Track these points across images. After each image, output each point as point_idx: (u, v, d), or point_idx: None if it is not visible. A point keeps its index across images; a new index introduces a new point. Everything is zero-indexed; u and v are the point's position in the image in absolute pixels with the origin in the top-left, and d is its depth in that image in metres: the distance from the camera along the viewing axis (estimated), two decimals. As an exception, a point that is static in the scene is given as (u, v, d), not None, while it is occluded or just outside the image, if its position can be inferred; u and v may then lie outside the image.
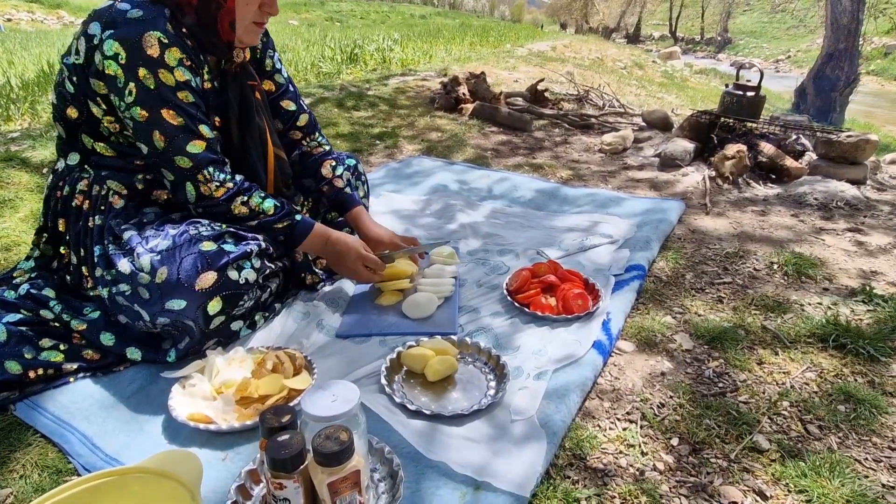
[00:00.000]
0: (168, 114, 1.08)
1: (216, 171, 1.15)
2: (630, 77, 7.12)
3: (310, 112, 1.50)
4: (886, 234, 1.98)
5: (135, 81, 1.05)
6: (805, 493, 0.92)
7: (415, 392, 1.13)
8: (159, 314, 1.06)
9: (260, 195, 1.22)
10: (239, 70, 1.26)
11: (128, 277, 1.06)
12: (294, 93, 1.46)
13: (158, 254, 1.06)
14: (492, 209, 2.07)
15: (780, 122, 2.87)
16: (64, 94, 1.14)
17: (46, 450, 0.97)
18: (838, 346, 1.31)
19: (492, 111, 3.41)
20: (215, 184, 1.15)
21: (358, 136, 3.01)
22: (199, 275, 1.06)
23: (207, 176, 1.14)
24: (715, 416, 1.10)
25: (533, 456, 0.94)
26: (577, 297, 1.38)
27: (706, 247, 1.85)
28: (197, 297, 1.06)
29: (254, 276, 1.16)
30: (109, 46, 1.04)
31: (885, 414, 1.11)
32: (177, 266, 1.05)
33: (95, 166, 1.19)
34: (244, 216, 1.20)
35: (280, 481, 0.76)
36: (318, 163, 1.48)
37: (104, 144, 1.17)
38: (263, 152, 1.32)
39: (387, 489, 0.88)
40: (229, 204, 1.17)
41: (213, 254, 1.09)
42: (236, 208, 1.18)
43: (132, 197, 1.20)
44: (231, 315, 1.16)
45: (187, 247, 1.07)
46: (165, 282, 1.04)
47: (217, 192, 1.16)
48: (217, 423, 0.98)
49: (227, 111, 1.24)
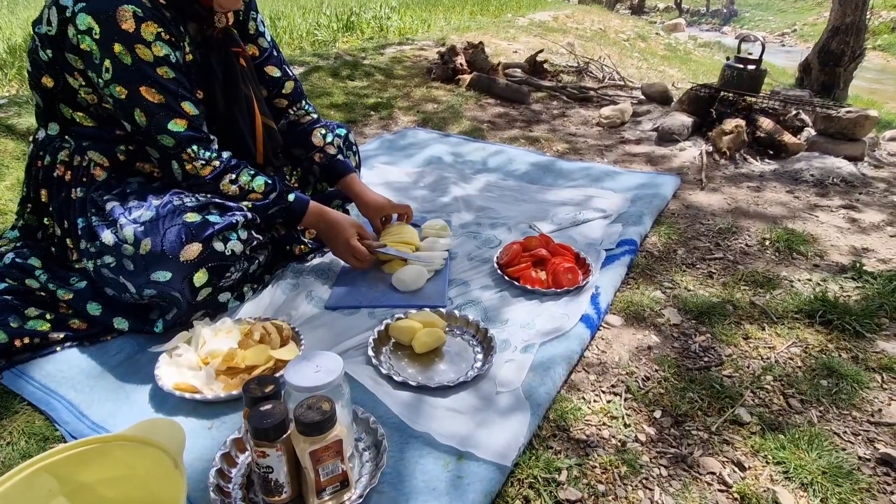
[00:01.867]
0: (147, 91, 1.05)
1: (200, 150, 1.13)
2: (632, 49, 6.99)
3: (296, 79, 1.46)
4: (880, 211, 1.97)
5: (110, 58, 1.02)
6: (782, 465, 0.94)
7: (402, 364, 1.13)
8: (145, 286, 1.06)
9: (249, 172, 1.20)
10: (222, 36, 1.22)
11: (112, 249, 1.05)
12: (278, 58, 1.42)
13: (142, 225, 1.05)
14: (486, 182, 2.05)
15: (781, 96, 2.82)
16: (38, 63, 1.11)
17: (33, 417, 0.97)
18: (825, 322, 1.32)
19: (489, 82, 3.35)
20: (200, 162, 1.13)
21: (352, 106, 2.96)
22: (183, 246, 1.05)
23: (192, 154, 1.12)
24: (699, 389, 1.11)
25: (516, 427, 0.95)
26: (567, 272, 1.38)
27: (699, 222, 1.84)
28: (182, 268, 1.05)
29: (240, 247, 1.15)
30: (82, 20, 1.00)
31: (867, 389, 1.12)
32: (160, 237, 1.03)
33: (76, 136, 1.16)
34: (234, 195, 1.18)
35: (263, 450, 0.77)
36: (307, 131, 1.45)
37: (83, 114, 1.14)
38: (251, 122, 1.29)
39: (371, 458, 0.90)
40: (217, 183, 1.16)
41: (197, 225, 1.07)
42: (225, 187, 1.16)
43: (114, 168, 1.18)
44: (218, 287, 1.16)
45: (171, 218, 1.06)
46: (150, 253, 1.03)
47: (203, 170, 1.13)
48: (203, 392, 0.99)
49: (212, 81, 1.20)
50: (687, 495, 0.89)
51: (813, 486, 0.90)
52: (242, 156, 1.25)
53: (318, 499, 0.79)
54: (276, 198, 1.22)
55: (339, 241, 1.33)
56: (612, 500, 0.88)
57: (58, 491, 0.76)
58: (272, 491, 0.80)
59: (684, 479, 0.92)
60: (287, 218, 1.27)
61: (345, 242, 1.32)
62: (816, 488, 0.90)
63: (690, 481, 0.92)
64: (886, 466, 0.96)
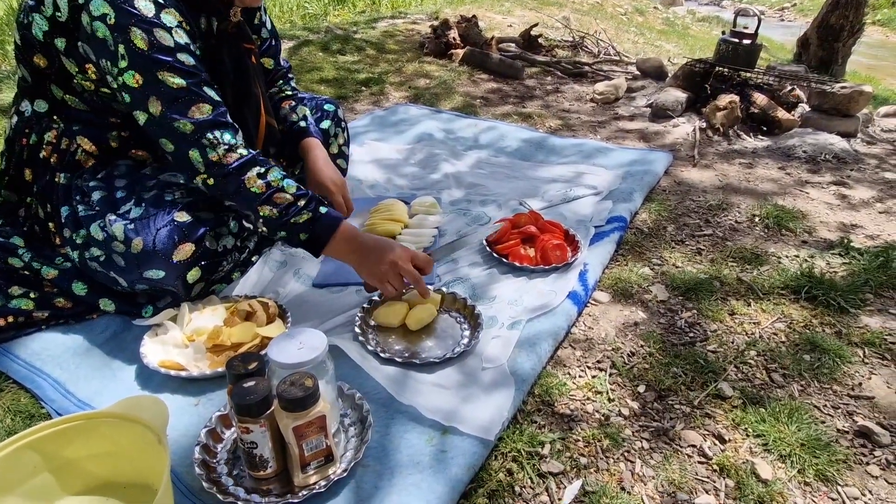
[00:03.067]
0: (166, 76, 0.96)
1: (225, 134, 1.00)
2: (630, 24, 6.87)
3: (287, 66, 1.43)
4: (870, 187, 1.97)
5: (126, 44, 0.94)
6: (762, 438, 0.96)
7: (389, 341, 1.14)
8: (137, 281, 1.05)
9: (280, 171, 1.05)
10: (235, 31, 1.16)
11: (101, 244, 1.03)
12: (277, 47, 1.38)
13: (132, 222, 1.02)
14: (477, 159, 2.03)
15: (776, 72, 2.79)
16: (30, 41, 1.05)
17: (19, 395, 0.98)
18: (810, 298, 1.32)
19: (482, 57, 3.30)
20: (224, 148, 0.99)
21: (343, 81, 2.91)
22: (176, 247, 1.03)
23: (215, 140, 0.99)
24: (683, 364, 1.12)
25: (501, 402, 0.96)
26: (556, 248, 1.38)
27: (690, 199, 1.84)
28: (175, 267, 1.04)
29: (232, 241, 1.14)
30: (97, 6, 0.94)
31: (848, 363, 1.14)
32: (152, 237, 1.01)
33: (66, 118, 1.11)
34: (258, 193, 1.01)
35: (247, 425, 0.77)
36: (277, 106, 1.40)
37: (76, 99, 1.10)
38: (257, 121, 1.25)
39: (356, 433, 0.90)
40: (241, 174, 1.00)
41: (188, 225, 1.04)
42: (250, 181, 1.01)
43: (103, 155, 1.14)
44: (211, 280, 1.16)
45: (162, 216, 1.03)
46: (142, 252, 1.01)
47: (227, 157, 1.00)
48: (188, 369, 0.99)
49: (221, 77, 1.13)
50: (667, 467, 0.90)
51: (791, 457, 0.92)
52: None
53: (303, 473, 0.80)
54: (306, 203, 1.04)
55: (385, 260, 1.07)
56: (594, 473, 0.89)
57: (43, 467, 0.77)
58: (257, 466, 0.81)
59: (665, 451, 0.93)
60: (312, 232, 1.05)
61: (391, 262, 1.07)
62: (794, 460, 0.92)
63: (671, 454, 0.93)
64: (864, 438, 0.98)
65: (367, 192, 1.78)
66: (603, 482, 0.87)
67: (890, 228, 1.70)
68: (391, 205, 1.56)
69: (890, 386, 1.09)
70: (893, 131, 2.53)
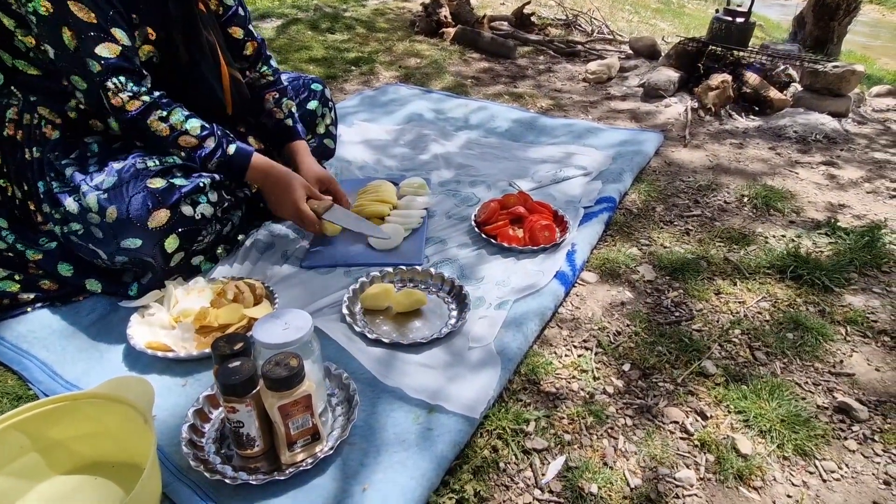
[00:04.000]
0: (77, 6, 0.96)
1: (129, 82, 1.03)
2: (624, 2, 6.79)
3: (260, 40, 1.37)
4: (859, 167, 1.98)
5: None
6: (743, 414, 0.97)
7: (376, 321, 1.14)
8: (116, 253, 1.04)
9: (183, 112, 1.09)
10: None
11: (77, 217, 1.02)
12: (244, 17, 1.33)
13: (105, 192, 1.01)
14: (466, 139, 2.02)
15: (769, 51, 2.78)
16: None
17: (6, 377, 0.98)
18: (795, 277, 1.34)
19: (474, 36, 3.26)
20: (126, 94, 1.02)
21: (332, 61, 2.87)
22: (150, 213, 1.02)
23: (118, 85, 1.01)
24: (668, 343, 1.13)
25: (487, 381, 0.97)
26: (544, 229, 1.38)
27: (680, 179, 1.84)
28: (151, 234, 1.03)
29: (210, 210, 1.13)
30: None
31: (830, 341, 1.15)
32: (126, 205, 1.00)
33: (23, 89, 1.10)
34: (164, 135, 1.06)
35: (233, 405, 0.78)
36: (260, 95, 1.36)
37: (25, 62, 1.08)
38: (217, 70, 1.22)
39: (343, 412, 0.91)
40: (144, 119, 1.04)
41: (162, 190, 1.04)
42: (153, 124, 1.05)
43: (67, 126, 1.13)
44: (191, 251, 1.15)
45: (134, 183, 1.02)
46: (116, 221, 1.00)
47: (129, 104, 1.03)
48: (175, 350, 0.99)
49: (169, 26, 1.11)
50: (649, 442, 0.92)
51: (771, 433, 0.94)
52: (212, 107, 1.20)
53: (290, 451, 0.81)
54: (215, 147, 1.10)
55: (286, 202, 1.20)
56: (577, 449, 0.91)
57: (30, 447, 0.77)
58: (244, 444, 0.82)
59: (648, 428, 0.95)
60: (227, 172, 1.14)
61: (292, 204, 1.20)
62: (774, 435, 0.93)
63: (654, 430, 0.95)
64: (843, 414, 1.00)
65: (356, 173, 1.77)
66: (586, 458, 0.89)
67: (876, 208, 1.71)
68: (379, 186, 1.55)
69: (870, 363, 1.11)
70: (884, 111, 2.53)
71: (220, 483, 0.78)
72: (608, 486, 0.85)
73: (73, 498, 0.78)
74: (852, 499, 0.85)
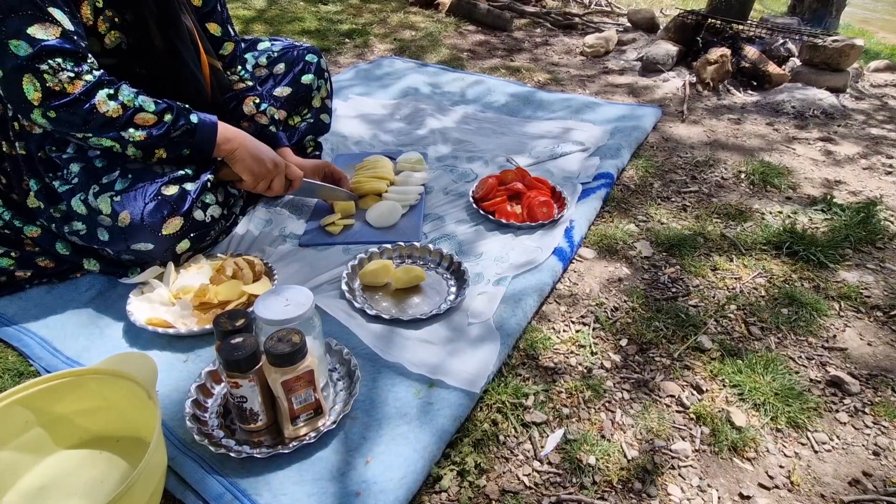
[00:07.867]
0: None
1: (69, 62, 0.90)
2: (622, -28, 6.67)
3: (238, 40, 1.31)
4: (856, 143, 1.98)
5: None
6: (738, 388, 0.99)
7: (376, 297, 1.15)
8: (124, 252, 1.03)
9: (130, 89, 0.96)
10: None
11: (84, 217, 1.00)
12: (222, 15, 1.26)
13: (118, 194, 0.99)
14: (463, 114, 2.00)
15: (769, 24, 2.74)
16: None
17: (6, 353, 0.98)
18: (791, 253, 1.35)
19: (470, 7, 3.19)
20: (67, 75, 0.88)
21: (325, 33, 2.81)
22: (164, 221, 1.01)
23: (55, 66, 0.88)
24: (664, 318, 1.14)
25: (486, 356, 0.98)
26: (543, 205, 1.37)
27: (677, 155, 1.83)
28: (164, 240, 1.03)
29: (219, 210, 1.12)
30: None
31: (825, 316, 1.17)
32: (140, 211, 0.99)
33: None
34: (116, 116, 0.94)
35: (235, 380, 0.78)
36: (238, 99, 1.27)
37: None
38: (197, 55, 1.16)
39: (345, 387, 0.92)
40: (90, 98, 0.91)
41: (176, 198, 1.02)
42: (101, 104, 0.92)
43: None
44: (199, 248, 1.15)
45: (149, 189, 1.00)
46: (129, 226, 0.99)
47: (71, 86, 0.89)
48: (176, 327, 0.99)
49: (143, 11, 1.03)
50: (646, 416, 0.94)
51: (765, 406, 0.96)
52: (191, 95, 1.14)
53: (293, 425, 0.82)
54: (174, 117, 0.99)
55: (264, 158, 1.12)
56: (575, 422, 0.92)
57: (34, 422, 0.78)
58: (248, 419, 0.82)
59: (645, 401, 0.97)
60: (193, 145, 1.04)
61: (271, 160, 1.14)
62: (768, 408, 0.95)
63: (650, 403, 0.96)
64: (835, 388, 1.02)
65: (352, 148, 1.75)
66: (584, 431, 0.91)
67: (872, 184, 1.71)
68: (376, 161, 1.53)
69: (863, 338, 1.13)
70: (882, 87, 2.52)
71: (224, 456, 0.79)
72: (605, 458, 0.87)
73: (78, 472, 0.79)
74: (842, 469, 0.88)
